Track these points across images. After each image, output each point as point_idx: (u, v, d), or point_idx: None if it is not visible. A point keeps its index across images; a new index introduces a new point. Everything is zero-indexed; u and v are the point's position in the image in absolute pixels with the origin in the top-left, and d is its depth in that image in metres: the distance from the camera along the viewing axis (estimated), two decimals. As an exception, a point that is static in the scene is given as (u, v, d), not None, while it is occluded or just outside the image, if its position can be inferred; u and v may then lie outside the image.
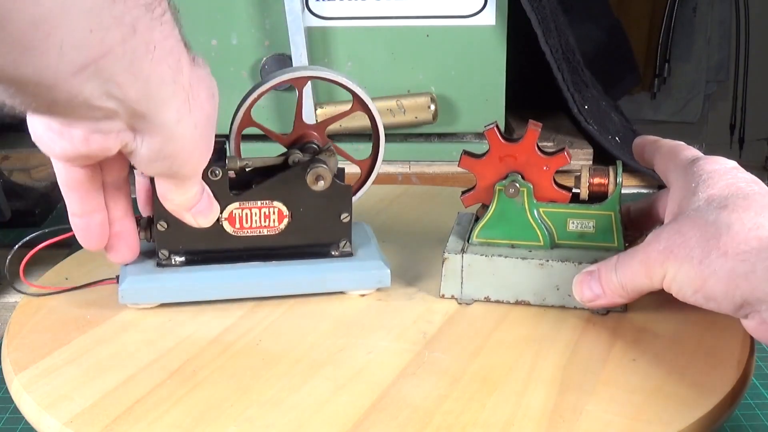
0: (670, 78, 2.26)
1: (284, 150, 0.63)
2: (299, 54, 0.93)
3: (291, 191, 0.61)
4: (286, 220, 0.61)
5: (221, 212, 0.60)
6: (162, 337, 0.57)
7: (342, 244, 0.63)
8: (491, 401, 0.50)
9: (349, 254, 0.63)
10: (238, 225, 0.60)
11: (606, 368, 0.53)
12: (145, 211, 0.60)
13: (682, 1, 2.21)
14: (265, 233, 0.61)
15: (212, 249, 0.60)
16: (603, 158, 0.96)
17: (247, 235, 0.61)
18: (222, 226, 0.60)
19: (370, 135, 0.65)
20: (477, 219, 0.63)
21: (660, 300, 0.61)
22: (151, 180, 0.57)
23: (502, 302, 0.61)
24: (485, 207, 0.62)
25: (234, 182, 0.60)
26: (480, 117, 0.96)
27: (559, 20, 1.03)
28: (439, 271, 0.61)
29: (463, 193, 0.63)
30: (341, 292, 0.62)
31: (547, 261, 0.60)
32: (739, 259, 0.47)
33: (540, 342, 0.56)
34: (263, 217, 0.60)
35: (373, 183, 0.66)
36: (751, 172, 0.53)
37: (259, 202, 0.60)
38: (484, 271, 0.61)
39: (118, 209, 0.57)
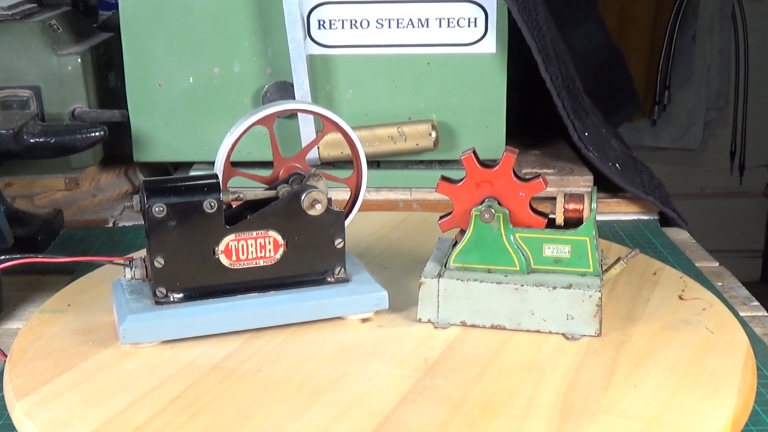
0: (670, 105, 2.26)
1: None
2: (301, 82, 0.94)
3: (286, 219, 0.61)
4: (281, 250, 0.61)
5: (217, 245, 0.60)
6: (163, 363, 0.57)
7: (337, 270, 0.63)
8: (492, 428, 0.50)
9: (345, 280, 0.63)
10: (234, 257, 0.60)
11: (607, 395, 0.53)
12: None
13: (682, 29, 2.23)
14: (261, 264, 0.61)
15: (210, 284, 0.61)
16: (603, 185, 0.96)
17: (244, 267, 0.61)
18: (218, 259, 0.60)
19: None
20: (456, 244, 0.63)
21: (661, 326, 0.61)
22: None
23: (478, 326, 0.61)
24: (463, 232, 0.62)
25: (226, 216, 0.60)
26: (481, 144, 0.96)
27: (559, 48, 1.04)
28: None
29: (441, 218, 0.64)
30: (341, 318, 0.62)
31: (522, 286, 0.60)
32: None
33: (541, 368, 0.56)
34: (259, 247, 0.61)
35: (374, 210, 0.66)
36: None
37: (254, 233, 0.60)
38: (460, 296, 0.61)
39: None
